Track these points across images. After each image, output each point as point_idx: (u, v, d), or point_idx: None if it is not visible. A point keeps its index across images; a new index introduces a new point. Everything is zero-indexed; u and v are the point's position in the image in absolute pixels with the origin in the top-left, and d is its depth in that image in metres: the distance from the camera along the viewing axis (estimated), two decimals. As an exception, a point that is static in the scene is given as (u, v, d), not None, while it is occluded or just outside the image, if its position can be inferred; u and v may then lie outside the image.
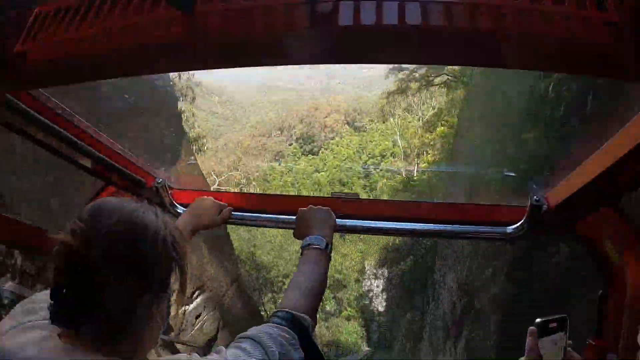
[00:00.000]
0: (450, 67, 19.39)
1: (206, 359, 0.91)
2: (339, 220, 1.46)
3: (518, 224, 1.45)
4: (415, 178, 25.99)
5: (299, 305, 1.13)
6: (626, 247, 1.42)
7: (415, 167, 27.23)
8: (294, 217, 1.46)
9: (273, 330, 1.02)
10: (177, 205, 1.68)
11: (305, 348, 1.04)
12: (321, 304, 1.16)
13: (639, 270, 1.37)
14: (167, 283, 0.92)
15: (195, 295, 10.18)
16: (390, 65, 24.74)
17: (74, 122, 1.38)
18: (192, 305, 10.02)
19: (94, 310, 0.82)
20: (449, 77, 22.35)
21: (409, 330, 25.76)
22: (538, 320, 1.02)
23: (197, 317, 10.32)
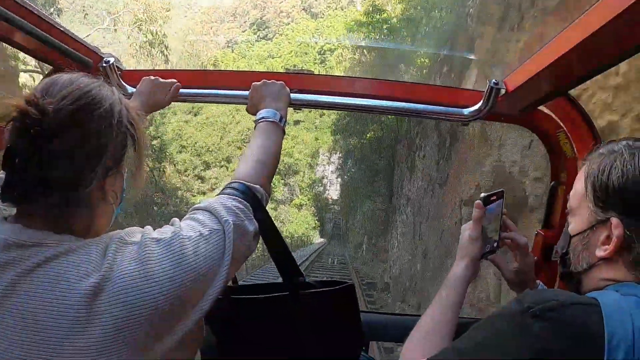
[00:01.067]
0: None
1: (160, 231, 0.92)
2: (293, 95, 1.46)
3: (475, 107, 1.46)
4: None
5: (252, 177, 1.14)
6: (578, 139, 1.49)
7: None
8: (247, 92, 1.45)
9: (227, 200, 1.04)
10: (126, 85, 1.62)
11: (259, 220, 1.06)
12: (270, 191, 1.17)
13: None
14: (121, 159, 0.93)
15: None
16: None
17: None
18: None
19: (47, 182, 0.82)
20: None
21: (371, 221, 23.36)
22: (482, 194, 1.16)
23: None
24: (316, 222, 46.50)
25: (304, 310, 1.28)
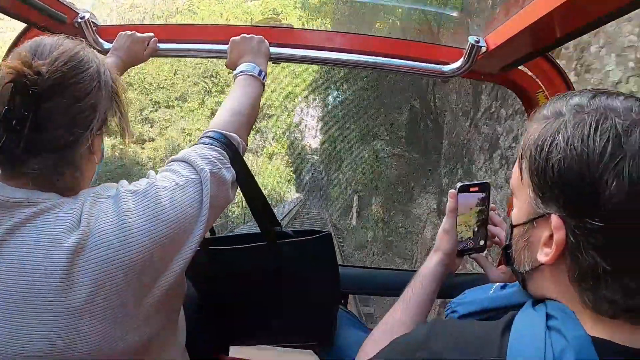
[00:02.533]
0: None
1: (135, 183, 1.05)
2: (272, 49, 1.61)
3: (456, 65, 1.64)
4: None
5: (228, 125, 1.28)
6: None
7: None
8: (226, 47, 1.61)
9: (203, 149, 1.16)
10: (103, 41, 1.76)
11: (237, 168, 1.21)
12: (247, 141, 1.36)
13: None
14: (106, 119, 1.07)
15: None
16: None
17: None
18: None
19: (42, 143, 0.94)
20: None
21: (358, 173, 20.06)
22: (459, 184, 1.21)
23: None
24: (291, 173, 45.98)
25: (281, 260, 1.48)
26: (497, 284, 1.02)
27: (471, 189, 1.22)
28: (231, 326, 1.67)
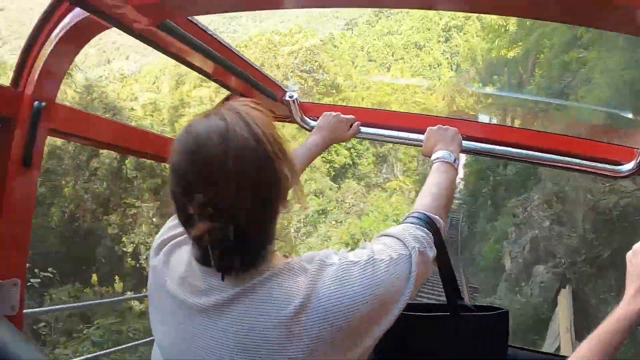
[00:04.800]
0: None
1: (355, 254, 1.25)
2: (464, 142, 1.98)
3: (631, 165, 1.96)
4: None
5: (432, 208, 1.52)
6: None
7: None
8: (421, 136, 1.99)
9: (412, 228, 1.38)
10: (308, 119, 2.26)
11: (437, 247, 1.41)
12: (447, 222, 1.63)
13: None
14: None
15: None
16: None
17: (220, 42, 1.81)
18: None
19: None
20: None
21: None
22: None
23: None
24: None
25: (460, 331, 1.82)
26: None
27: None
28: None
